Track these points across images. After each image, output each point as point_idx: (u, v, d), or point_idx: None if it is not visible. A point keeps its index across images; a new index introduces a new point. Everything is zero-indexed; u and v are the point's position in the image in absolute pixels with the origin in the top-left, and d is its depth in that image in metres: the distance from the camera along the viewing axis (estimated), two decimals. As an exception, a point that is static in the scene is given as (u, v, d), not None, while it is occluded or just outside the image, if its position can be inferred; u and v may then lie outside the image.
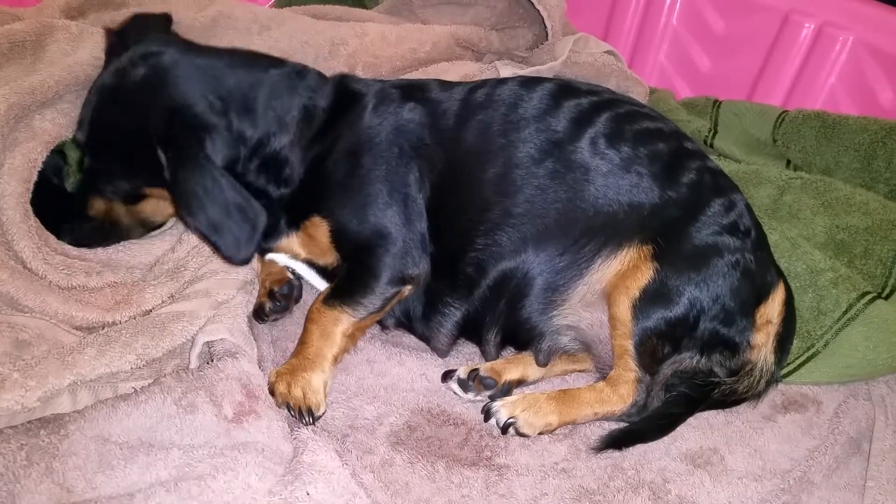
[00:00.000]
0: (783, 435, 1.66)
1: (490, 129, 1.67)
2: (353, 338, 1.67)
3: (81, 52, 1.74)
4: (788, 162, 2.25)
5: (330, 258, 1.67)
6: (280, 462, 1.36)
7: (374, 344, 1.79)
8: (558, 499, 1.48)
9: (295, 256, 1.74)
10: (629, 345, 1.56)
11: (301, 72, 1.70)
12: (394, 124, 1.67)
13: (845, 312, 1.72)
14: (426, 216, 1.66)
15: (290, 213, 1.67)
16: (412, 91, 1.76)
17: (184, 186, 1.42)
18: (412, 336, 1.80)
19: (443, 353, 1.76)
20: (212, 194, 1.42)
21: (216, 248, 1.50)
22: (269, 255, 1.77)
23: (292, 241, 1.70)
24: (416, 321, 1.74)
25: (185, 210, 1.45)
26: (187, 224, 1.50)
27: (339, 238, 1.63)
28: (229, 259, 1.52)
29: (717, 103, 2.45)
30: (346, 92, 1.72)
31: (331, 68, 2.04)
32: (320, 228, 1.64)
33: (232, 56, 1.63)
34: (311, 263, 1.74)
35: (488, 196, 1.64)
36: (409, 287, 1.65)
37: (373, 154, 1.64)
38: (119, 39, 1.66)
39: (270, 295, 1.78)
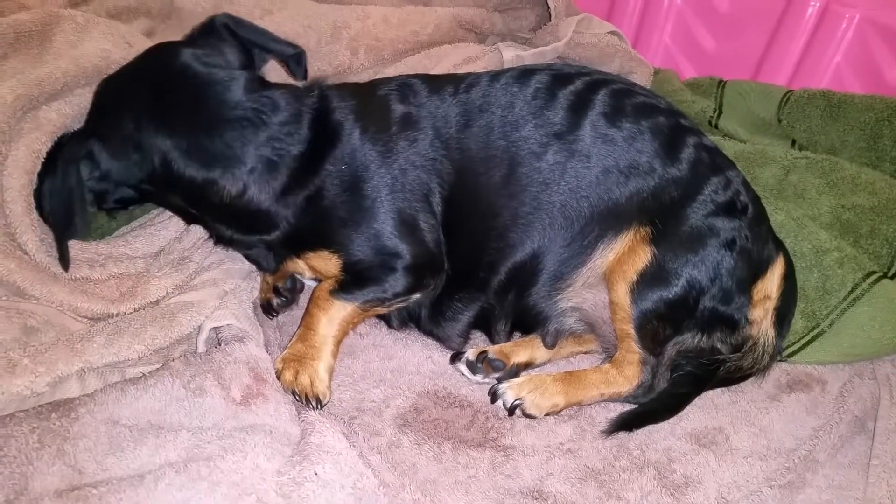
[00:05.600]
0: (788, 414, 1.67)
1: (492, 132, 1.64)
2: (355, 325, 1.67)
3: (88, 44, 1.73)
4: (794, 142, 2.24)
5: (338, 276, 1.65)
6: (288, 443, 1.37)
7: (380, 328, 1.80)
8: (564, 478, 1.49)
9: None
10: (630, 328, 1.56)
11: (266, 115, 1.54)
12: (389, 145, 1.61)
13: (851, 292, 1.72)
14: (441, 230, 1.64)
15: (288, 248, 1.65)
16: (403, 93, 1.68)
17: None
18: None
19: (455, 349, 1.76)
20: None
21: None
22: None
23: (294, 264, 1.69)
24: (423, 321, 1.75)
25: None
26: None
27: (351, 266, 1.60)
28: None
29: (721, 83, 2.43)
30: (324, 128, 1.61)
31: (333, 52, 2.04)
32: (330, 261, 1.61)
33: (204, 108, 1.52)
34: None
35: (497, 201, 1.62)
36: (418, 295, 1.65)
37: (374, 182, 1.59)
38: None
39: (276, 291, 1.80)
